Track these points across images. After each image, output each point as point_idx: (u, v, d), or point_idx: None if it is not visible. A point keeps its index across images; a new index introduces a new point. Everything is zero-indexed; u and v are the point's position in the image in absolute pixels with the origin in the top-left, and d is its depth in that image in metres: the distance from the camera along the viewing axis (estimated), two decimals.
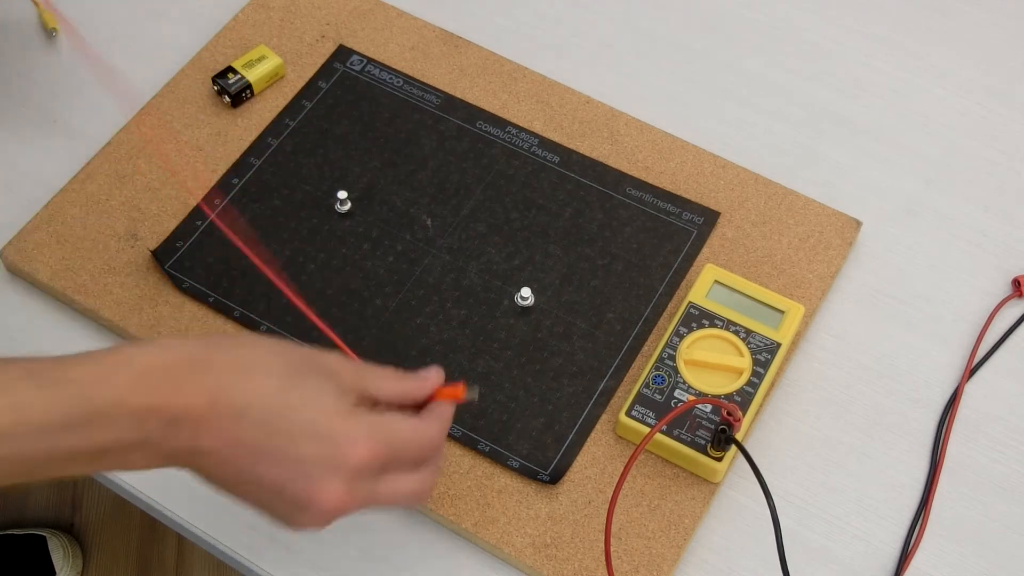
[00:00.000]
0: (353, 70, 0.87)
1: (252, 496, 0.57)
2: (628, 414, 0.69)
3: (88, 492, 1.53)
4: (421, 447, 0.58)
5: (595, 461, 0.70)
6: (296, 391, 0.56)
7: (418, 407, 0.60)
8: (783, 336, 0.72)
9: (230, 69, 0.84)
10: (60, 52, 0.89)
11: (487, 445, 0.70)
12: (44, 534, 1.45)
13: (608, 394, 0.72)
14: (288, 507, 0.56)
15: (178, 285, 0.76)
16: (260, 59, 0.85)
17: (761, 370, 0.71)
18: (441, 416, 0.60)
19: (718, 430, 0.66)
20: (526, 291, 0.75)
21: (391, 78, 0.86)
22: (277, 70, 0.85)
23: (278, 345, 0.59)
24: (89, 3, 0.92)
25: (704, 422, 0.69)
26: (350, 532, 0.69)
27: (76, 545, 1.47)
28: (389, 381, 0.60)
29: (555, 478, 0.69)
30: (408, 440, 0.58)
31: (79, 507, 1.52)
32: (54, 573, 1.42)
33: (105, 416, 0.53)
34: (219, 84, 0.84)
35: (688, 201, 0.80)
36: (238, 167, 0.82)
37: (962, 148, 0.85)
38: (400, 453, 0.57)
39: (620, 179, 0.81)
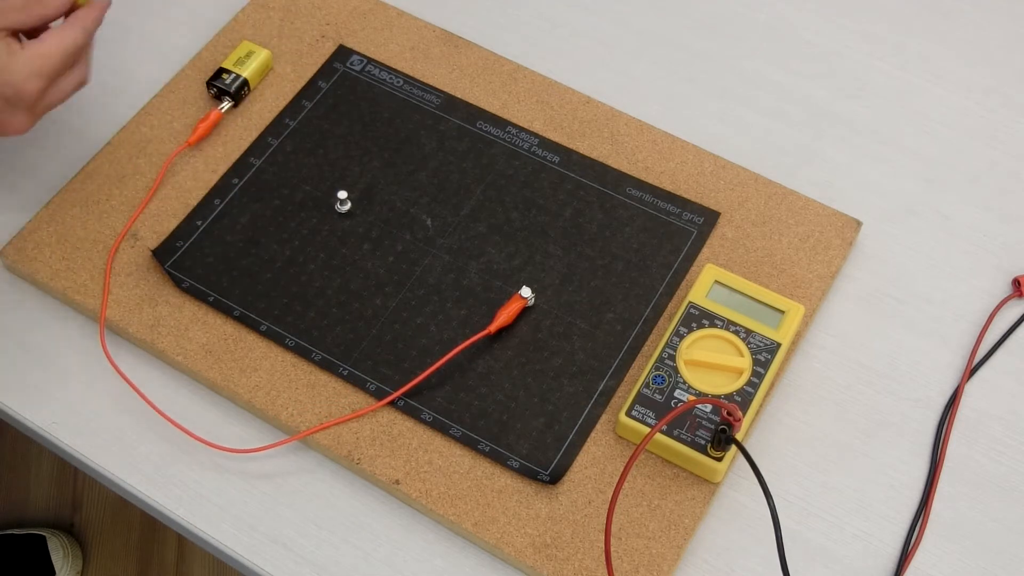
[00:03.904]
0: (353, 70, 0.87)
1: None
2: (628, 414, 0.69)
3: (88, 492, 1.53)
4: (75, 51, 0.72)
5: (595, 461, 0.70)
6: None
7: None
8: (783, 336, 0.72)
9: (222, 70, 0.84)
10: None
11: (487, 445, 0.71)
12: (44, 534, 1.45)
13: (608, 394, 0.72)
14: (4, 116, 0.71)
15: (178, 285, 0.76)
16: (248, 54, 0.85)
17: (761, 370, 0.71)
18: (79, 21, 0.72)
19: (718, 430, 0.66)
20: (526, 290, 0.75)
21: (391, 78, 0.86)
22: (267, 62, 0.85)
23: None
24: None
25: (704, 422, 0.69)
26: (350, 532, 0.69)
27: (76, 545, 1.47)
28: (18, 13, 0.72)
29: (555, 478, 0.69)
30: (62, 53, 0.71)
31: (79, 507, 1.52)
32: (54, 573, 1.42)
33: None
34: (216, 87, 0.84)
35: (688, 201, 0.80)
36: (238, 167, 0.82)
37: (962, 148, 0.85)
38: (59, 68, 0.71)
39: (620, 179, 0.81)
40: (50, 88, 0.72)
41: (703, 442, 0.68)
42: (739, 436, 0.68)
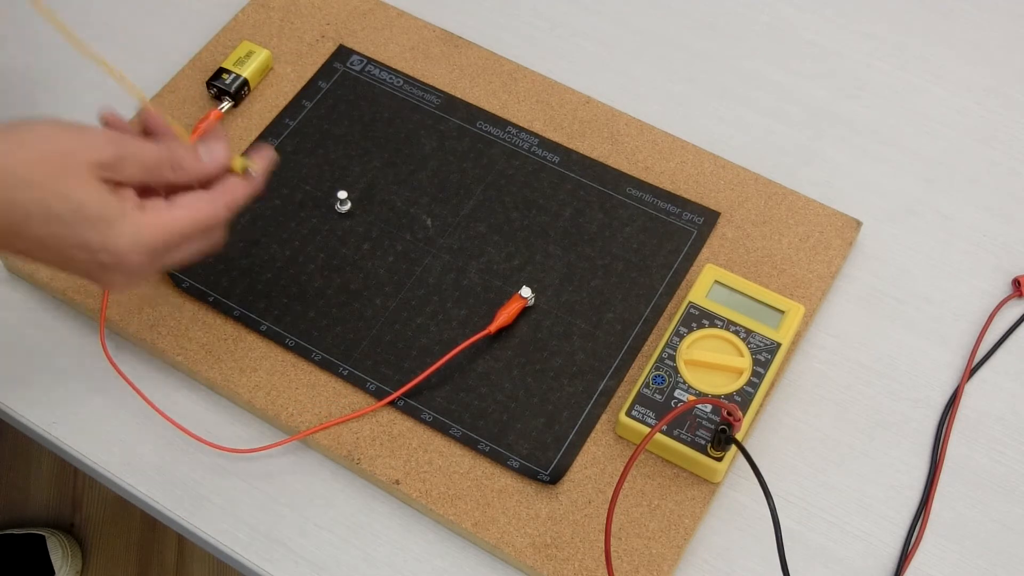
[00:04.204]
0: (353, 70, 0.87)
1: (72, 271, 0.60)
2: (628, 414, 0.69)
3: (88, 492, 1.53)
4: (207, 227, 0.61)
5: (595, 461, 0.70)
6: (63, 194, 0.57)
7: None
8: (783, 336, 0.72)
9: (222, 70, 0.84)
10: (60, 52, 0.89)
11: (487, 445, 0.71)
12: (43, 534, 1.45)
13: (608, 394, 0.72)
14: (101, 276, 0.60)
15: (178, 285, 0.76)
16: (248, 54, 0.85)
17: (761, 370, 0.71)
18: (225, 197, 0.62)
19: (718, 430, 0.66)
20: (526, 291, 0.75)
21: (391, 78, 0.86)
22: (267, 61, 0.85)
23: (30, 147, 0.58)
24: (89, 3, 0.92)
25: (704, 422, 0.69)
26: (350, 532, 0.69)
27: (75, 545, 1.47)
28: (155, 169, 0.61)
29: (555, 478, 0.69)
30: (188, 227, 0.60)
31: (79, 507, 1.52)
32: (53, 573, 1.42)
33: None
34: (216, 87, 0.83)
35: (688, 201, 0.80)
36: None
37: (962, 148, 0.85)
38: (175, 244, 0.60)
39: (620, 179, 0.81)
40: (160, 259, 0.61)
41: (703, 442, 0.68)
42: (739, 436, 0.68)
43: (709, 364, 0.71)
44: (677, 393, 0.70)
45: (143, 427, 0.73)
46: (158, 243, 0.59)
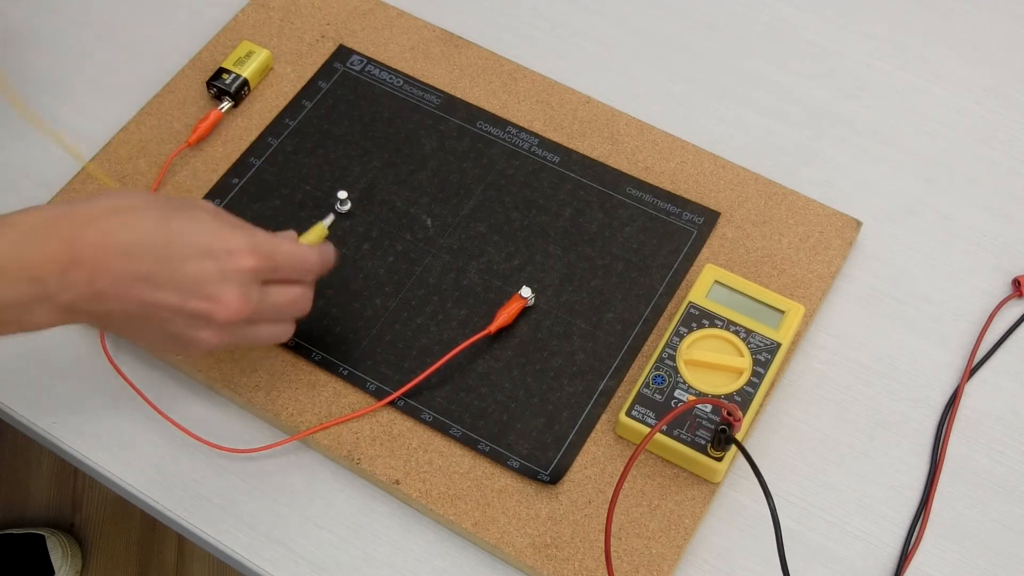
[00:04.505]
0: (353, 70, 0.87)
1: (156, 327, 0.61)
2: (628, 414, 0.69)
3: (88, 492, 1.53)
4: (300, 261, 0.65)
5: (595, 461, 0.70)
6: (175, 221, 0.61)
7: None
8: (783, 336, 0.72)
9: (222, 70, 0.84)
10: (61, 52, 0.89)
11: (487, 445, 0.71)
12: (43, 533, 1.45)
13: (608, 394, 0.72)
14: (191, 325, 0.61)
15: None
16: (248, 54, 0.85)
17: (761, 370, 0.71)
18: (320, 247, 0.67)
19: (718, 430, 0.66)
20: (526, 290, 0.75)
21: (391, 78, 0.86)
22: (267, 62, 0.85)
23: (138, 193, 0.63)
24: (90, 3, 0.92)
25: (704, 422, 0.69)
26: (350, 532, 0.69)
27: (75, 544, 1.47)
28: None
29: (555, 478, 0.69)
30: (288, 254, 0.64)
31: (79, 507, 1.52)
32: (53, 573, 1.42)
33: (1, 273, 0.57)
34: (216, 86, 0.83)
35: (688, 201, 0.80)
36: (238, 167, 0.82)
37: (962, 148, 0.85)
38: (281, 265, 0.64)
39: (620, 179, 0.81)
40: (270, 286, 0.64)
41: (703, 442, 0.68)
42: (739, 436, 0.68)
43: (709, 364, 0.71)
44: (677, 393, 0.70)
45: (143, 427, 0.73)
46: (263, 262, 0.62)
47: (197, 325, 0.61)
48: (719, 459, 0.68)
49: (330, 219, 0.72)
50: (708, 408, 0.69)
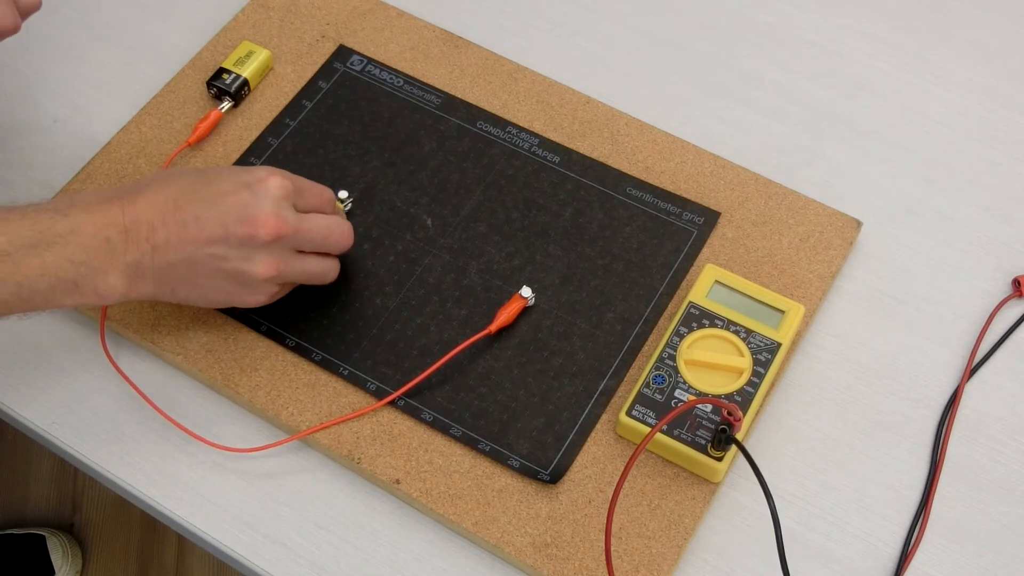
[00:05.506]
0: (353, 70, 0.87)
1: (213, 270, 0.68)
2: (628, 414, 0.69)
3: (88, 492, 1.53)
4: (320, 189, 0.72)
5: (595, 461, 0.70)
6: (210, 172, 0.69)
7: None
8: (783, 336, 0.72)
9: (222, 70, 0.84)
10: (61, 52, 0.89)
11: (487, 445, 0.71)
12: (43, 533, 1.45)
13: (608, 394, 0.72)
14: (241, 257, 0.67)
15: None
16: (248, 54, 0.85)
17: (761, 370, 0.71)
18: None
19: (718, 430, 0.66)
20: (526, 290, 0.75)
21: (391, 78, 0.86)
22: (267, 62, 0.85)
23: (173, 169, 0.72)
24: (90, 3, 0.92)
25: (704, 422, 0.69)
26: (350, 532, 0.69)
27: (75, 544, 1.47)
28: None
29: (555, 478, 0.69)
30: (307, 181, 0.72)
31: (80, 507, 1.52)
32: (53, 573, 1.42)
33: (74, 232, 0.64)
34: (216, 86, 0.84)
35: (688, 201, 0.80)
36: None
37: (962, 148, 0.85)
38: (303, 188, 0.71)
39: (620, 179, 0.81)
40: (293, 213, 0.70)
41: (703, 442, 0.68)
42: (739, 436, 0.68)
43: (709, 364, 0.71)
44: (677, 393, 0.70)
45: (143, 427, 0.73)
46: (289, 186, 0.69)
47: (246, 254, 0.67)
48: (719, 459, 0.68)
49: (344, 194, 0.78)
50: (708, 408, 0.69)
